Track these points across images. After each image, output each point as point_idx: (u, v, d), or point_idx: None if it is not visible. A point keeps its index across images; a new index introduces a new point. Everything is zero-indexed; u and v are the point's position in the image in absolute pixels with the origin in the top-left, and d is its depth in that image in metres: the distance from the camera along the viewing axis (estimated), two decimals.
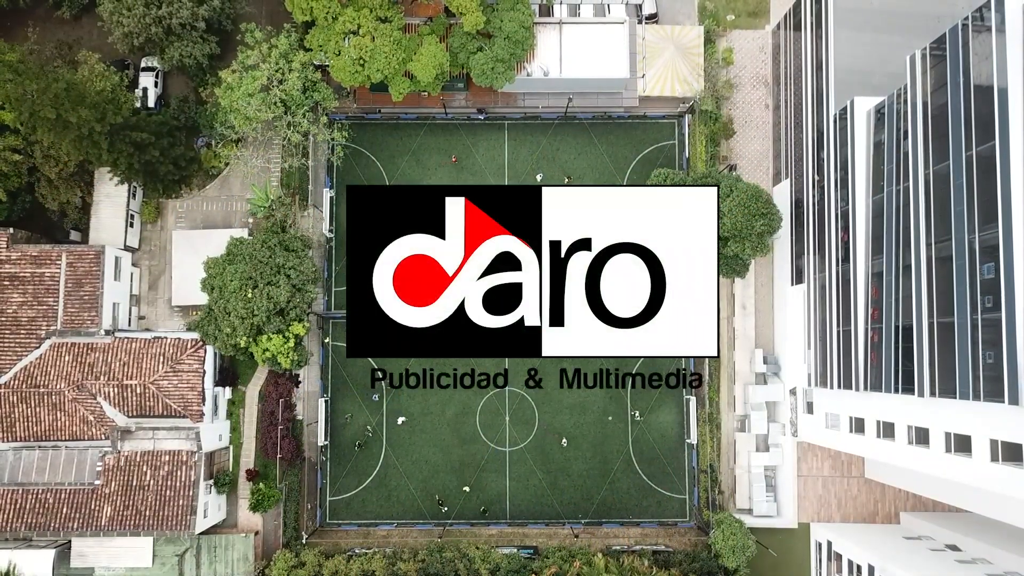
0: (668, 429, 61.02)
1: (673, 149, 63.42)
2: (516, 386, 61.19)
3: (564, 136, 63.46)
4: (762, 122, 63.87)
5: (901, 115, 44.54)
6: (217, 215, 62.77)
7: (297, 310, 55.32)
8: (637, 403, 61.06)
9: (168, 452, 54.17)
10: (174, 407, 55.25)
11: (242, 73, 55.28)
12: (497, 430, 60.94)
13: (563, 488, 60.47)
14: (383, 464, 60.65)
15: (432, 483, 60.48)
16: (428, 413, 61.08)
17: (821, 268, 53.35)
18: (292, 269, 55.57)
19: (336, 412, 61.01)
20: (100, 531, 52.84)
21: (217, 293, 55.24)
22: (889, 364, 44.78)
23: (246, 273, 54.63)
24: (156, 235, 62.65)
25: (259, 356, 55.51)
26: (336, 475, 60.55)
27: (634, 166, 63.09)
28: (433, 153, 63.22)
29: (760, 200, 49.76)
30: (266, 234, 57.28)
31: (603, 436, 60.86)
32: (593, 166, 63.22)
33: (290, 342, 54.80)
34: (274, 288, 54.49)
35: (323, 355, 61.31)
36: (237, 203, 62.75)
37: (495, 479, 60.50)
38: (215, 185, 62.99)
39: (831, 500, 59.12)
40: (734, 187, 51.09)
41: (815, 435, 55.91)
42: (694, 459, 60.49)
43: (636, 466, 60.61)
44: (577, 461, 60.60)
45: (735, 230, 50.24)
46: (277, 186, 62.28)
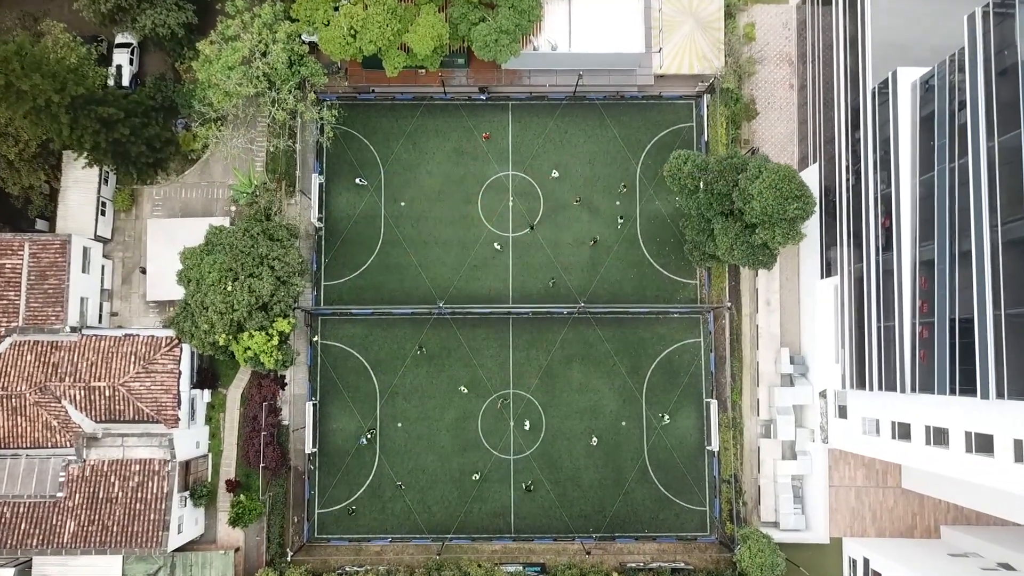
0: (687, 435, 56.13)
1: (691, 132, 58.65)
2: (521, 388, 56.30)
3: (573, 118, 58.68)
4: (786, 103, 59.15)
5: (955, 84, 39.79)
6: (197, 203, 57.85)
7: (282, 305, 50.41)
8: (653, 406, 56.16)
9: (139, 461, 49.10)
10: (146, 411, 50.25)
11: (221, 45, 50.40)
12: (501, 436, 56.02)
13: (573, 499, 55.51)
14: (376, 473, 55.65)
15: (430, 494, 55.49)
16: (426, 418, 56.13)
17: (857, 259, 48.54)
18: (276, 260, 50.69)
19: (325, 417, 56.02)
20: (63, 548, 47.73)
21: (194, 286, 50.34)
22: (943, 363, 39.92)
23: (226, 264, 49.75)
24: (130, 224, 57.67)
25: (240, 355, 50.53)
26: (325, 485, 55.52)
27: (649, 150, 58.32)
28: (431, 136, 58.40)
29: (793, 181, 44.92)
30: (249, 222, 52.43)
31: (616, 443, 55.93)
32: (605, 151, 58.41)
33: (274, 340, 49.84)
34: (256, 280, 49.60)
35: (311, 355, 56.33)
36: (219, 190, 57.84)
37: (498, 489, 55.53)
38: (195, 171, 58.08)
39: (865, 512, 54.24)
40: (763, 168, 46.27)
41: (849, 442, 51.03)
42: (715, 468, 55.59)
43: (652, 475, 55.70)
44: (588, 470, 55.65)
45: (765, 215, 45.40)
46: (262, 171, 57.40)
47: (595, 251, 57.28)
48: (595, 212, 57.73)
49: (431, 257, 57.28)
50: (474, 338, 56.67)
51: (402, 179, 58.01)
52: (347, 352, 56.53)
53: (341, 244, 57.34)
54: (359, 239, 57.44)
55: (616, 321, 56.95)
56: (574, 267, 57.29)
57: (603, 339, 56.60)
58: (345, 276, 57.21)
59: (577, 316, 56.54)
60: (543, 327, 56.78)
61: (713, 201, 48.85)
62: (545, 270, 57.17)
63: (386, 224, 57.61)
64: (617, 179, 57.92)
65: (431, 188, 58.00)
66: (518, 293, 57.02)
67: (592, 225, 57.60)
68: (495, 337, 56.76)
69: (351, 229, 57.50)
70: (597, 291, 57.00)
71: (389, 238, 57.47)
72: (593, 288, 56.98)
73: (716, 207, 49.02)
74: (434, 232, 57.57)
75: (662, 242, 57.66)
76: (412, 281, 57.07)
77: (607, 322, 56.89)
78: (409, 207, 57.78)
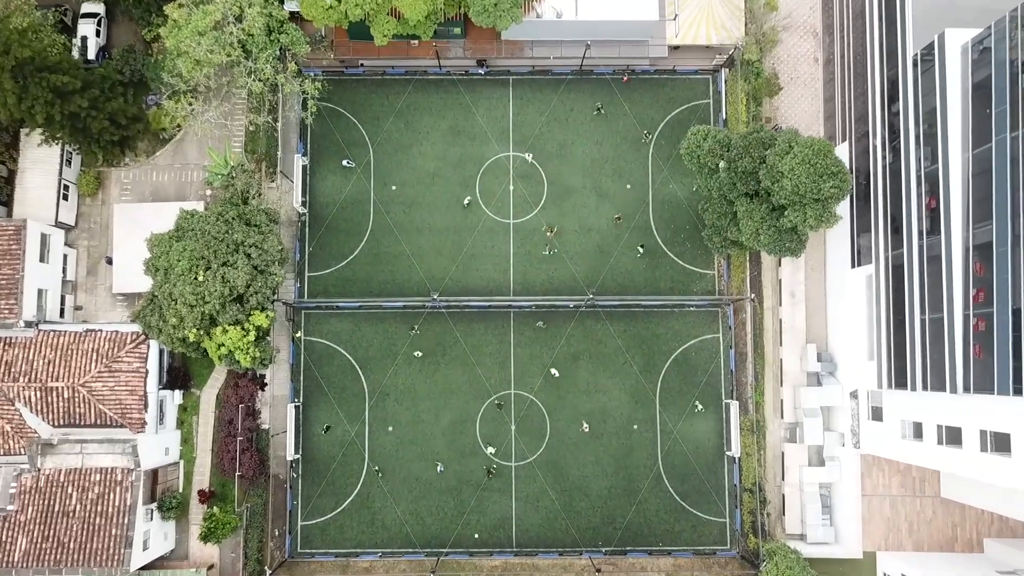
0: (704, 439, 51.34)
1: (707, 110, 53.86)
2: (523, 389, 51.54)
3: (579, 94, 53.87)
4: (811, 79, 54.39)
5: (1018, 43, 35.08)
6: (169, 186, 52.99)
7: (259, 296, 45.58)
8: (668, 407, 51.37)
9: (99, 470, 44.25)
10: (109, 415, 45.40)
11: (191, 8, 45.55)
12: (501, 441, 51.20)
13: (580, 510, 50.69)
14: (365, 482, 50.81)
15: (423, 504, 50.67)
16: (419, 421, 51.30)
17: (895, 244, 43.82)
18: (253, 247, 45.89)
19: (309, 420, 51.17)
20: (12, 569, 42.85)
21: (162, 276, 45.52)
22: (1004, 359, 35.21)
23: (197, 252, 44.95)
24: (96, 210, 52.77)
25: (213, 353, 45.70)
26: (309, 495, 50.67)
27: (662, 129, 53.53)
28: (424, 114, 53.56)
29: (828, 157, 40.19)
30: (223, 206, 47.60)
31: (628, 448, 51.13)
32: (613, 130, 53.62)
33: (250, 335, 45.02)
34: (231, 270, 44.79)
35: (293, 352, 51.49)
36: (193, 172, 52.99)
37: (498, 499, 50.72)
38: (167, 152, 53.23)
39: (901, 524, 49.50)
40: (793, 142, 41.52)
41: (885, 447, 46.30)
42: (736, 475, 50.83)
43: (667, 484, 50.90)
44: (597, 478, 50.84)
45: (796, 195, 40.65)
46: (240, 152, 52.55)
47: (603, 239, 52.50)
48: (604, 196, 52.93)
49: (425, 245, 52.49)
50: (472, 334, 51.88)
51: (393, 161, 53.19)
52: (333, 349, 51.71)
53: (326, 231, 52.51)
54: (346, 226, 52.62)
55: (627, 315, 52.17)
56: (581, 256, 52.50)
57: (613, 335, 51.81)
58: (331, 266, 52.38)
59: (584, 310, 51.76)
60: (547, 322, 51.96)
61: (736, 181, 44.09)
62: (550, 260, 52.35)
63: (375, 210, 52.80)
64: (627, 161, 53.14)
65: (425, 171, 53.20)
66: (520, 285, 52.22)
67: (601, 210, 52.80)
68: (494, 332, 51.96)
69: (337, 215, 52.68)
70: (606, 282, 52.21)
71: (379, 225, 52.65)
72: (602, 279, 52.19)
73: (740, 187, 44.26)
74: (428, 218, 52.77)
75: (677, 229, 52.89)
76: (404, 272, 52.25)
77: (617, 316, 52.10)
78: (400, 191, 52.98)
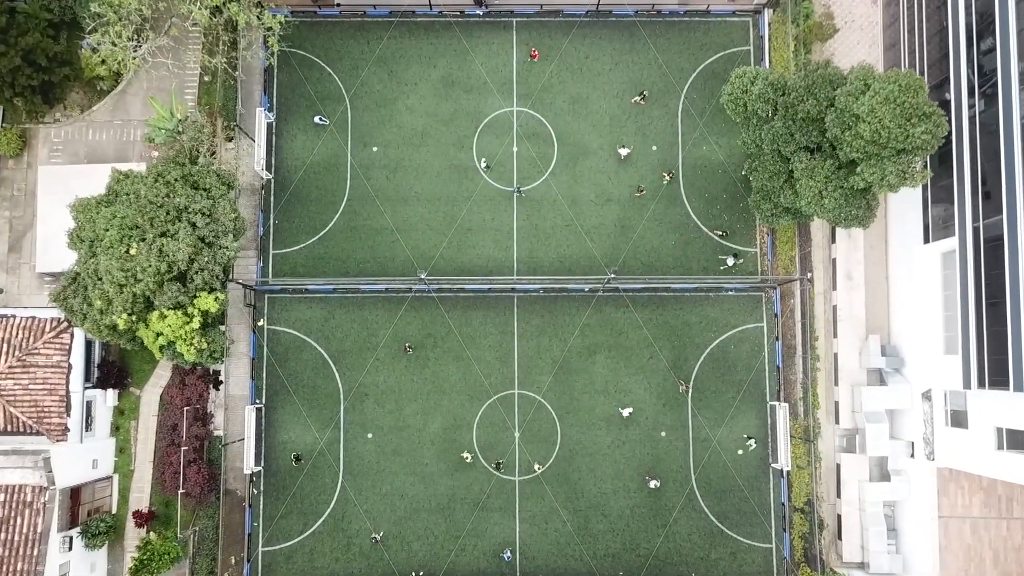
0: (746, 449, 43.00)
1: (747, 57, 45.46)
2: (529, 389, 43.19)
3: (595, 39, 45.47)
4: (868, 23, 45.97)
5: None
6: (108, 147, 44.59)
7: (205, 274, 37.17)
8: (703, 410, 43.02)
9: (3, 488, 35.84)
10: (22, 419, 37.04)
11: None
12: (503, 451, 42.87)
13: (597, 534, 42.36)
14: (339, 500, 42.45)
15: (409, 526, 42.33)
16: (404, 427, 42.94)
17: (989, 212, 35.46)
18: (200, 214, 37.48)
19: (273, 425, 42.78)
20: None
21: (87, 249, 37.13)
22: None
23: (130, 219, 36.57)
24: (21, 175, 44.36)
25: (151, 343, 37.38)
26: (272, 515, 42.29)
27: (693, 81, 45.16)
28: (412, 62, 45.15)
29: (919, 95, 31.83)
30: (165, 165, 39.20)
31: (654, 459, 42.79)
32: (635, 80, 45.24)
33: (194, 322, 36.62)
34: (170, 241, 36.37)
35: (254, 344, 43.08)
36: (136, 130, 44.60)
37: (499, 520, 42.40)
38: (106, 106, 44.82)
39: (984, 552, 41.09)
40: (870, 79, 33.12)
41: (970, 459, 37.99)
42: (784, 492, 42.50)
43: (701, 502, 42.58)
44: (618, 495, 42.51)
45: (875, 144, 32.27)
46: (195, 107, 44.16)
47: (625, 210, 44.17)
48: (625, 159, 44.54)
49: (412, 217, 44.12)
50: (468, 323, 43.54)
51: (374, 117, 44.81)
52: (301, 341, 43.32)
53: (295, 201, 44.13)
54: (318, 194, 44.24)
55: (653, 301, 43.80)
56: (597, 230, 44.14)
57: (637, 324, 43.46)
58: (300, 242, 43.98)
59: (603, 294, 43.41)
60: (558, 308, 43.64)
61: (795, 131, 35.70)
62: (561, 234, 44.01)
63: (353, 175, 44.43)
64: (652, 118, 44.75)
65: (412, 129, 44.80)
66: (525, 264, 43.87)
67: (621, 176, 44.46)
68: (495, 321, 43.61)
69: (308, 181, 44.32)
70: (628, 262, 43.85)
71: (357, 193, 44.29)
72: (623, 258, 43.82)
73: (799, 139, 35.87)
74: (416, 185, 44.39)
75: (712, 198, 44.52)
76: (387, 249, 43.86)
77: (642, 302, 43.74)
78: (383, 153, 44.59)
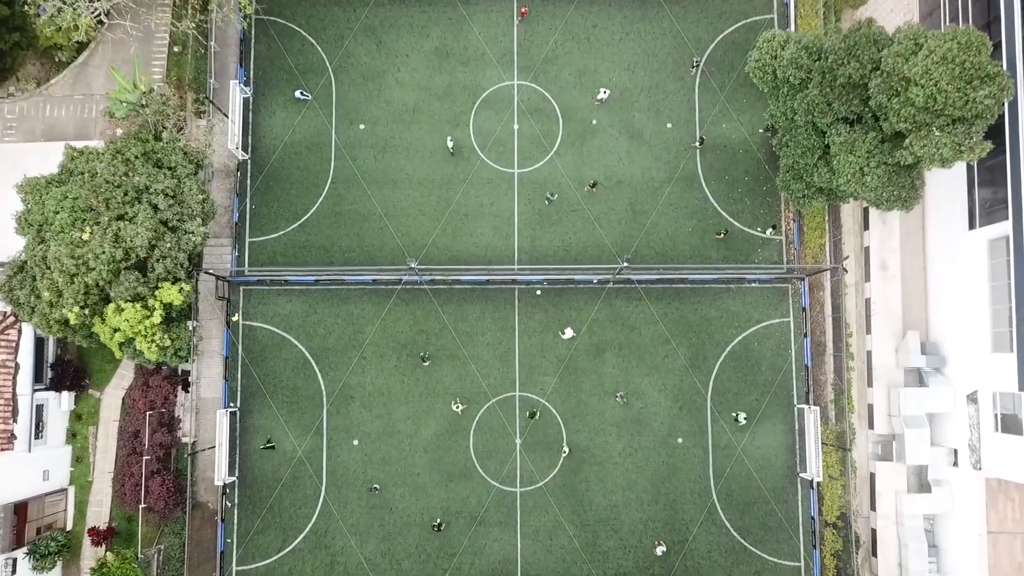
0: (771, 456, 38.94)
1: (771, 26, 41.35)
2: (531, 390, 39.12)
3: (603, 6, 41.36)
4: None
5: None
6: (67, 123, 40.56)
7: (167, 262, 33.06)
8: (724, 414, 38.95)
9: None
10: None
11: None
12: (503, 460, 38.79)
13: (607, 551, 38.29)
14: (321, 513, 38.36)
15: (399, 543, 38.26)
16: (393, 433, 38.85)
17: None
18: (162, 195, 33.38)
19: (248, 431, 38.70)
20: None
21: (35, 234, 33.05)
22: None
23: (83, 201, 32.48)
24: None
25: (109, 340, 33.30)
26: (247, 530, 38.19)
27: (711, 52, 41.08)
28: (403, 32, 41.04)
29: (981, 53, 27.73)
30: (125, 141, 35.11)
31: (670, 468, 38.72)
32: (648, 52, 41.14)
33: (154, 316, 32.52)
34: (127, 225, 32.27)
35: (228, 342, 38.96)
36: (99, 105, 40.56)
37: (499, 536, 38.32)
38: (65, 79, 40.79)
39: None
40: (923, 38, 29.01)
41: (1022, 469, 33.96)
42: (814, 505, 38.43)
43: (722, 515, 38.51)
44: (630, 508, 38.43)
45: (930, 111, 28.18)
46: (163, 82, 40.09)
47: (637, 194, 40.13)
48: (637, 138, 40.51)
49: (402, 202, 40.05)
50: (464, 318, 39.46)
51: (361, 92, 40.73)
52: (280, 338, 39.23)
53: (273, 183, 40.05)
54: (299, 176, 40.16)
55: (668, 293, 39.73)
56: (607, 216, 40.07)
57: (651, 319, 39.40)
58: (279, 229, 39.91)
59: (613, 287, 39.35)
60: (563, 302, 39.55)
61: (833, 99, 31.60)
62: (567, 220, 39.95)
63: (337, 155, 40.35)
64: (667, 92, 40.70)
65: (402, 105, 40.73)
66: (527, 254, 39.79)
67: (633, 156, 40.40)
68: (494, 317, 39.54)
69: (288, 162, 40.22)
70: (641, 250, 39.77)
71: (342, 175, 40.20)
72: (636, 246, 39.75)
73: (838, 108, 31.77)
74: (406, 166, 40.31)
75: (732, 180, 40.44)
76: (374, 236, 39.79)
77: (656, 295, 39.67)
78: (371, 131, 40.51)
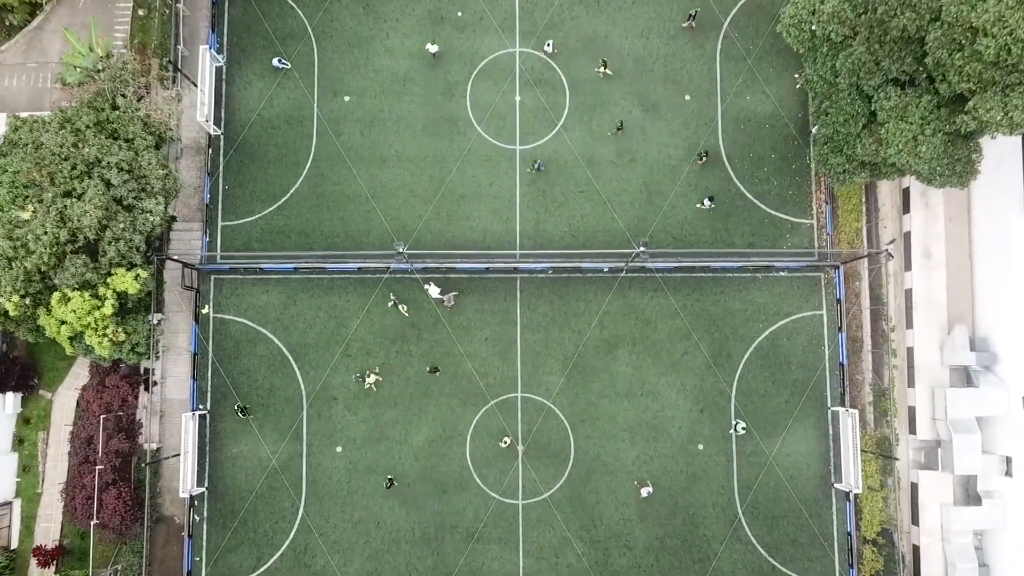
0: (803, 465, 34.94)
1: None
2: (535, 391, 35.11)
3: None
4: None
5: None
6: (20, 94, 36.61)
7: (120, 245, 29.04)
8: (749, 418, 34.93)
9: None
10: None
11: None
12: (503, 469, 34.78)
13: (619, 570, 34.28)
14: (301, 528, 34.35)
15: (387, 561, 34.27)
16: (382, 438, 34.83)
17: None
18: (116, 169, 29.35)
19: (220, 436, 34.65)
20: None
21: None
22: None
23: (25, 175, 28.47)
24: None
25: (55, 332, 29.31)
26: (216, 546, 34.17)
27: (733, 17, 37.12)
28: None
29: None
30: (76, 111, 31.10)
31: (690, 478, 34.73)
32: (664, 16, 37.19)
33: (106, 307, 28.50)
34: (74, 202, 28.26)
35: (196, 337, 34.90)
36: (55, 73, 36.57)
37: (499, 552, 34.32)
38: (17, 46, 36.87)
39: None
40: None
41: None
42: (850, 519, 34.42)
43: (748, 530, 34.51)
44: (645, 522, 34.43)
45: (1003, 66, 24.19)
46: (124, 45, 36.09)
47: (653, 174, 36.16)
48: (652, 111, 36.52)
49: (391, 181, 36.05)
50: (460, 310, 35.46)
51: (346, 61, 36.73)
52: (255, 332, 35.21)
53: (249, 161, 36.05)
54: (277, 153, 36.16)
55: (688, 283, 35.74)
56: (620, 198, 36.06)
57: (668, 312, 35.40)
58: (255, 212, 35.90)
59: (626, 275, 35.36)
60: (571, 293, 35.56)
61: (882, 57, 27.56)
62: (574, 201, 35.97)
63: (320, 130, 36.33)
64: (685, 61, 36.74)
65: (392, 74, 36.72)
66: (530, 239, 35.79)
67: (648, 132, 36.42)
68: (493, 309, 35.55)
69: (265, 138, 36.23)
70: (658, 236, 35.79)
71: (325, 152, 36.20)
72: (652, 231, 35.76)
73: (888, 67, 27.72)
74: (396, 142, 36.31)
75: (758, 158, 36.46)
76: (360, 219, 35.79)
77: (674, 285, 35.66)
78: (357, 104, 36.50)
